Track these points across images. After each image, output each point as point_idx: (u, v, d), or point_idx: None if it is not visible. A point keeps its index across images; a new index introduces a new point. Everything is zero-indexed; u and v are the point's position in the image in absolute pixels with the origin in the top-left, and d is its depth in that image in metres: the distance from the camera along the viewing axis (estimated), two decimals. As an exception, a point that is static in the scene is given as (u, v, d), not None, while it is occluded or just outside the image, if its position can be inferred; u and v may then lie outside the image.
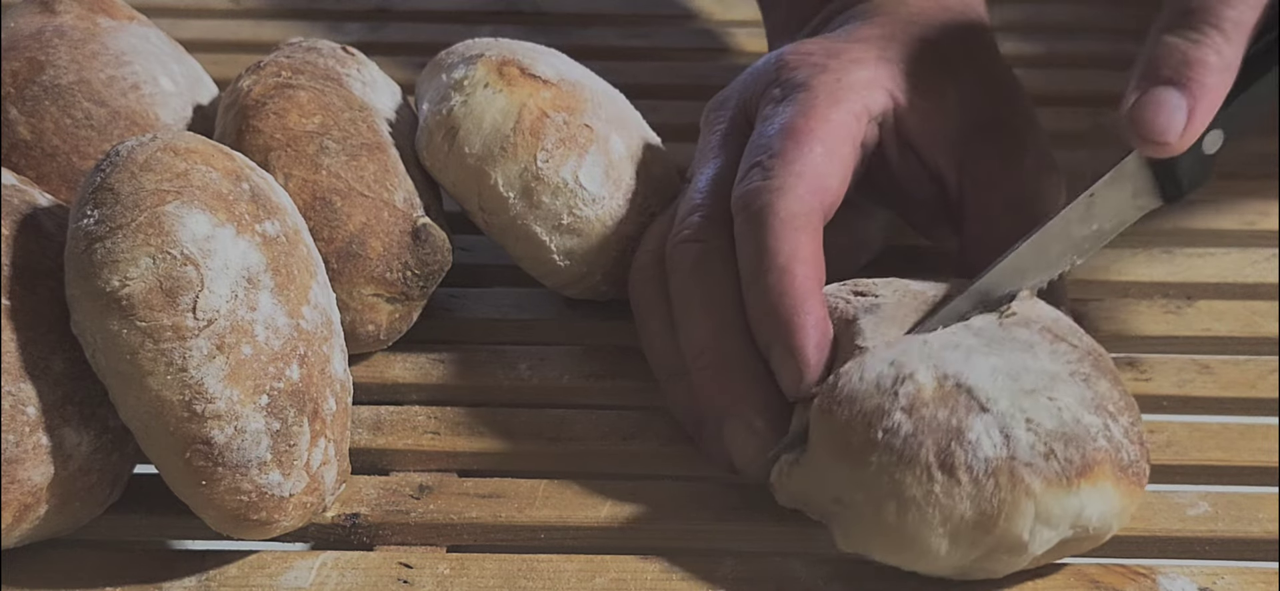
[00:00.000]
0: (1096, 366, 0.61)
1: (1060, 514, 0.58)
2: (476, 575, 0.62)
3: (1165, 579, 0.62)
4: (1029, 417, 0.58)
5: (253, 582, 0.61)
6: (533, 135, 0.70)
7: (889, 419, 0.59)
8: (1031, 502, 0.58)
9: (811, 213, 0.66)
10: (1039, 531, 0.58)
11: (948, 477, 0.58)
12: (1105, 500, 0.59)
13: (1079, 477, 0.58)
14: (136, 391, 0.57)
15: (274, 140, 0.68)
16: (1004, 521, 0.58)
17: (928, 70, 0.72)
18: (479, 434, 0.69)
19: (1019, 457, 0.58)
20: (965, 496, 0.58)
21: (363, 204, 0.69)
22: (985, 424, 0.58)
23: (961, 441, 0.58)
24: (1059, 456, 0.58)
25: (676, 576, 0.62)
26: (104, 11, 0.75)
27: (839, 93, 0.69)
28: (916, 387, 0.59)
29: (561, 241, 0.71)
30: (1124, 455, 0.59)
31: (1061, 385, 0.59)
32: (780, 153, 0.67)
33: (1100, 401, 0.60)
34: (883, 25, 0.74)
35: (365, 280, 0.69)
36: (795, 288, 0.64)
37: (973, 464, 0.58)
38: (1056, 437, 0.58)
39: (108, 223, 0.57)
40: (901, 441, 0.58)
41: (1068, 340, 0.62)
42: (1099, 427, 0.59)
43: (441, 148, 0.71)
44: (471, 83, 0.71)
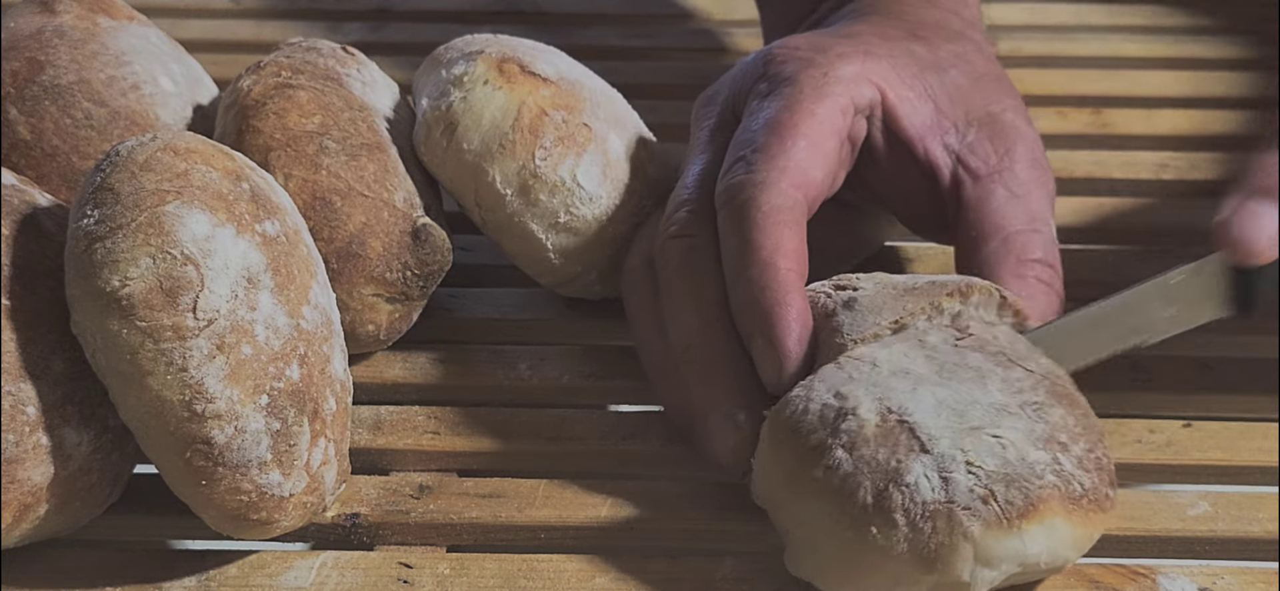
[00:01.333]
0: (1052, 392, 0.60)
1: (1001, 555, 0.57)
2: (476, 575, 0.62)
3: (1165, 579, 0.62)
4: (970, 460, 0.57)
5: (253, 582, 0.61)
6: (531, 133, 0.70)
7: (830, 455, 0.58)
8: (970, 546, 0.57)
9: (795, 206, 0.66)
10: (980, 573, 0.58)
11: (885, 521, 0.57)
12: (1053, 535, 0.58)
13: (1021, 519, 0.57)
14: (136, 391, 0.57)
15: (274, 140, 0.68)
16: (943, 565, 0.57)
17: (917, 66, 0.72)
18: (479, 434, 0.69)
19: (957, 501, 0.57)
20: (903, 539, 0.57)
21: (363, 204, 0.69)
22: (924, 466, 0.57)
23: (899, 484, 0.57)
24: (1000, 499, 0.57)
25: (676, 576, 0.62)
26: (104, 11, 0.75)
27: (825, 87, 0.69)
28: (858, 424, 0.58)
29: (557, 240, 0.71)
30: (1076, 487, 0.58)
31: (1008, 420, 0.59)
32: (763, 147, 0.67)
33: (1051, 433, 0.59)
34: (873, 22, 0.74)
35: (365, 280, 0.69)
36: (778, 281, 0.64)
37: (910, 507, 0.57)
38: (998, 480, 0.57)
39: (108, 222, 0.57)
40: (840, 480, 0.58)
41: (1023, 364, 0.61)
42: (1046, 463, 0.58)
43: (439, 143, 0.71)
44: (471, 79, 0.71)
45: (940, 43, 0.74)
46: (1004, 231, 0.68)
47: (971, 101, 0.72)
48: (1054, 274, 0.68)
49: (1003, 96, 0.73)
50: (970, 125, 0.71)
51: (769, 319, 0.63)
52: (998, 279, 0.67)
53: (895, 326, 0.62)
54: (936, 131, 0.71)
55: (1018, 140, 0.71)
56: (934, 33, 0.74)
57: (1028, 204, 0.69)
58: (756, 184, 0.66)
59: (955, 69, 0.73)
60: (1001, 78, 0.74)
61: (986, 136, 0.71)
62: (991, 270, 0.68)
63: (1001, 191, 0.70)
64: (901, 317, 0.62)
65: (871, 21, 0.74)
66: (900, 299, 0.63)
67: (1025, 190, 0.70)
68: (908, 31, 0.73)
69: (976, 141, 0.71)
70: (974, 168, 0.70)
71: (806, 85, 0.69)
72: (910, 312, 0.63)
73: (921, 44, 0.73)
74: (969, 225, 0.70)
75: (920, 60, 0.72)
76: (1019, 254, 0.68)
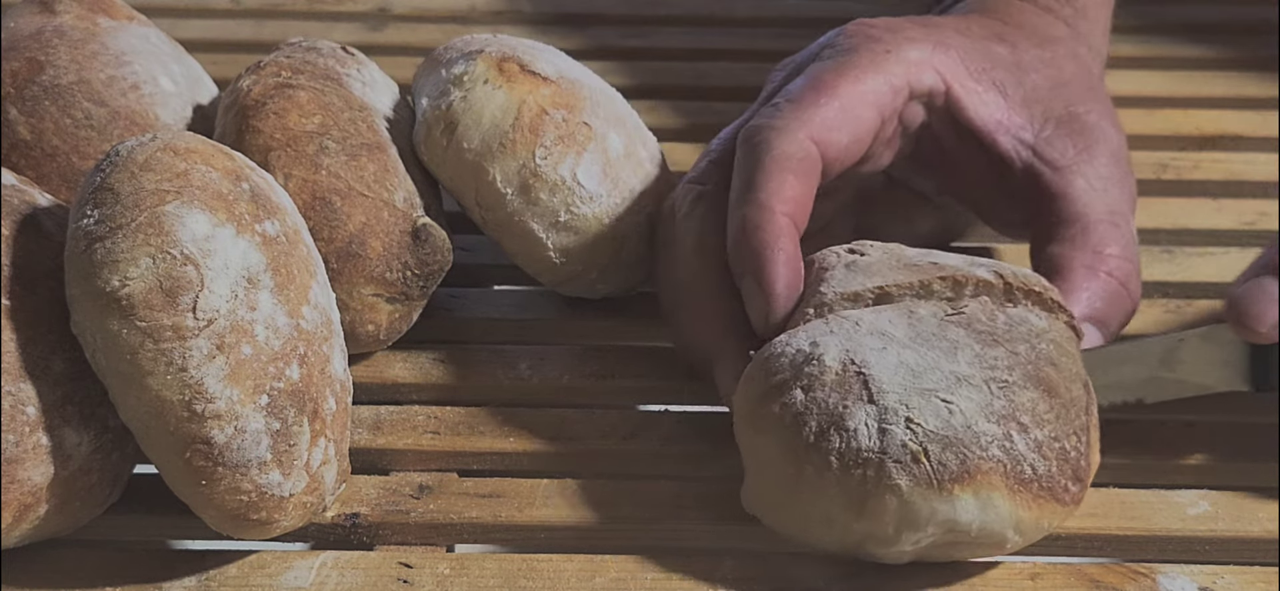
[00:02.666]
0: (1030, 377, 0.60)
1: (928, 515, 0.58)
2: (476, 575, 0.62)
3: (1165, 579, 0.62)
4: (911, 416, 0.58)
5: (253, 582, 0.61)
6: (532, 132, 0.70)
7: (788, 394, 0.60)
8: (896, 500, 0.58)
9: (807, 158, 0.67)
10: (905, 530, 0.59)
11: (821, 461, 0.59)
12: (991, 510, 0.58)
13: (953, 483, 0.58)
14: (136, 391, 0.57)
15: (274, 140, 0.68)
16: (869, 514, 0.58)
17: (991, 63, 0.72)
18: (479, 434, 0.69)
19: (889, 454, 0.58)
20: (834, 482, 0.58)
21: (363, 204, 0.69)
22: (867, 415, 0.58)
23: (841, 427, 0.58)
24: (932, 459, 0.58)
25: (676, 576, 0.62)
26: (104, 11, 0.75)
27: (881, 62, 0.70)
28: (821, 368, 0.60)
29: (558, 239, 0.71)
30: (1026, 469, 0.59)
31: (966, 389, 0.59)
32: (796, 98, 0.68)
33: (1011, 411, 0.59)
34: (965, 19, 0.75)
35: (365, 280, 0.69)
36: (771, 223, 0.65)
37: (845, 452, 0.58)
38: (934, 440, 0.58)
39: (108, 222, 0.57)
40: (792, 417, 0.59)
41: (1006, 346, 0.61)
42: (996, 436, 0.58)
43: (439, 143, 0.71)
44: (471, 78, 0.71)
45: (1028, 46, 0.74)
46: (1083, 221, 0.68)
47: (1051, 102, 0.72)
48: (1130, 273, 0.68)
49: (1088, 100, 0.73)
50: (1048, 122, 0.72)
51: (758, 260, 0.64)
52: (1071, 269, 0.67)
53: (878, 292, 0.63)
54: (1007, 126, 0.71)
55: (1099, 138, 0.71)
56: (1026, 36, 0.74)
57: (1107, 197, 0.69)
58: (774, 128, 0.67)
59: (1038, 73, 0.73)
60: (1093, 86, 0.74)
61: (1065, 133, 0.71)
62: (1067, 259, 0.68)
63: (1081, 182, 0.70)
64: (887, 286, 0.63)
65: (963, 18, 0.75)
66: (896, 270, 0.64)
67: (1105, 185, 0.70)
68: (995, 32, 0.74)
69: (1054, 136, 0.71)
70: (1051, 159, 0.70)
71: (864, 56, 0.70)
72: (897, 284, 0.63)
73: (1006, 45, 0.73)
74: (1046, 213, 0.70)
75: (997, 58, 0.72)
76: (1096, 245, 0.68)
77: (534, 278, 0.74)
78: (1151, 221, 0.82)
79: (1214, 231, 0.82)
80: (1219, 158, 0.87)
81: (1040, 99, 0.72)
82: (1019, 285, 0.63)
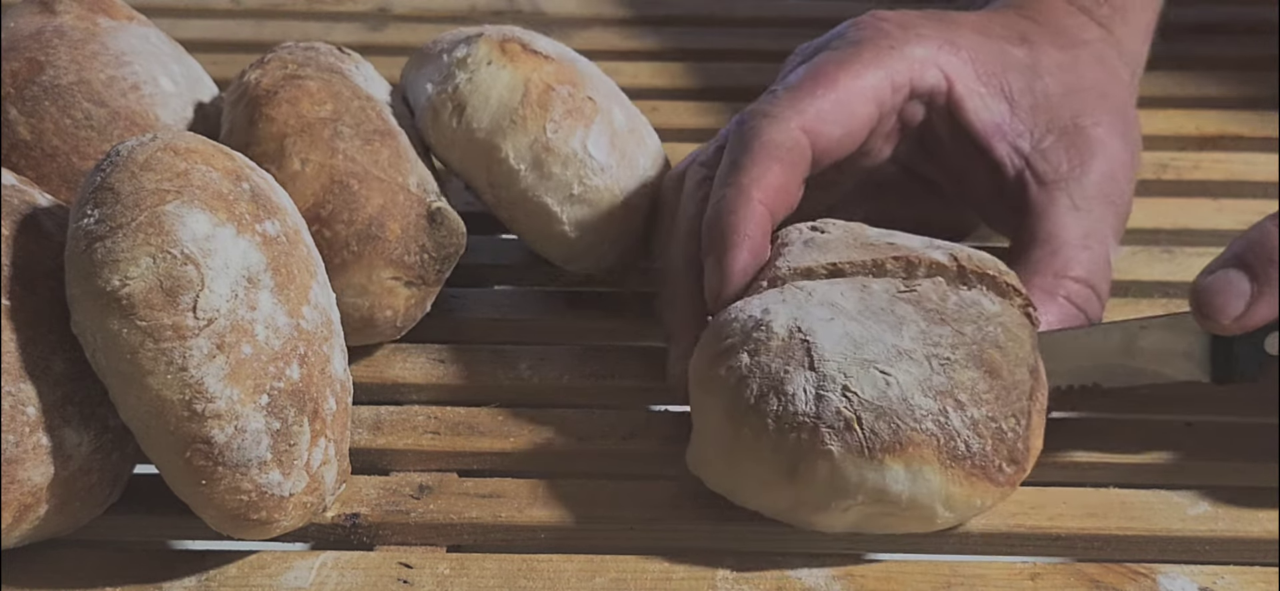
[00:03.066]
0: (973, 357, 0.61)
1: (857, 482, 0.59)
2: (476, 575, 0.62)
3: (1165, 579, 0.62)
4: (848, 385, 0.59)
5: (253, 582, 0.61)
6: (541, 107, 0.71)
7: (735, 357, 0.61)
8: (828, 465, 0.59)
9: (795, 147, 0.67)
10: (835, 496, 0.60)
11: (759, 422, 0.60)
12: (921, 482, 0.59)
13: (884, 453, 0.59)
14: (137, 391, 0.57)
15: (289, 126, 0.68)
16: (801, 477, 0.59)
17: (1003, 66, 0.72)
18: (479, 434, 0.69)
19: (824, 419, 0.59)
20: (770, 444, 0.59)
21: (379, 187, 0.69)
22: (806, 380, 0.59)
23: (780, 392, 0.59)
24: (865, 427, 0.59)
25: (676, 576, 0.62)
26: (104, 11, 0.75)
27: (885, 57, 0.70)
28: (768, 334, 0.61)
29: (572, 212, 0.72)
30: (960, 445, 0.59)
31: (906, 363, 0.60)
32: (794, 87, 0.69)
33: (950, 388, 0.60)
34: (989, 17, 0.75)
35: (384, 263, 0.69)
36: (744, 208, 0.66)
37: (782, 415, 0.59)
38: (869, 409, 0.59)
39: (108, 222, 0.57)
40: (736, 380, 0.60)
41: (953, 325, 0.62)
42: (931, 411, 0.59)
43: (449, 125, 0.71)
44: (475, 60, 0.72)
45: (1049, 49, 0.74)
46: (1053, 242, 0.69)
47: (1058, 110, 0.72)
48: (1090, 296, 0.69)
49: (1099, 110, 0.73)
50: (1049, 132, 0.72)
51: (724, 242, 0.65)
52: (1032, 285, 0.67)
53: (831, 268, 0.64)
54: (1006, 132, 0.72)
55: (1096, 155, 0.71)
56: (1050, 38, 0.74)
57: (1087, 218, 0.70)
58: (766, 115, 0.68)
59: (1053, 78, 0.73)
60: (1109, 95, 0.74)
61: (1063, 146, 0.71)
62: (1030, 276, 0.68)
63: (1064, 200, 0.70)
64: (840, 263, 0.64)
65: (989, 15, 0.75)
66: (852, 248, 0.65)
67: (1089, 205, 0.70)
68: (1018, 32, 0.74)
69: (1051, 149, 0.71)
70: (1042, 172, 0.71)
71: (868, 50, 0.70)
72: (851, 262, 0.64)
73: (1025, 47, 0.73)
74: (1025, 226, 0.70)
75: (1011, 61, 0.73)
76: (1059, 268, 0.69)
77: (544, 256, 0.74)
78: (1151, 221, 0.82)
79: (1214, 231, 0.82)
80: (1219, 158, 0.87)
81: (1048, 106, 0.72)
82: (973, 268, 0.64)
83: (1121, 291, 0.77)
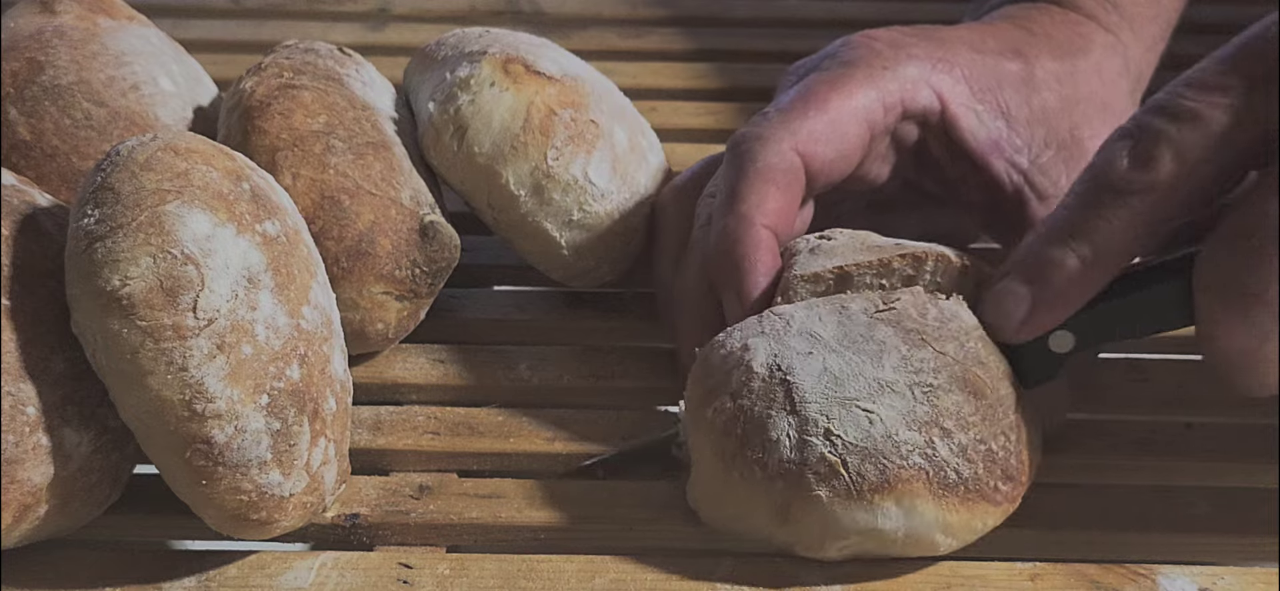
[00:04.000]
0: (956, 379, 0.61)
1: (849, 524, 0.59)
2: (476, 575, 0.62)
3: (1165, 579, 0.62)
4: (830, 428, 0.59)
5: (253, 582, 0.61)
6: (542, 133, 0.71)
7: (718, 399, 0.61)
8: (817, 509, 0.59)
9: (790, 169, 0.67)
10: (828, 538, 0.60)
11: (746, 469, 0.60)
12: (915, 516, 0.59)
13: (873, 493, 0.58)
14: (137, 391, 0.57)
15: (280, 140, 0.68)
16: (791, 522, 0.59)
17: (998, 81, 0.72)
18: (479, 434, 0.69)
19: (809, 465, 0.59)
20: (760, 490, 0.59)
21: (371, 202, 0.69)
22: (789, 425, 0.59)
23: (763, 437, 0.59)
24: (851, 470, 0.58)
25: (676, 576, 0.62)
26: (104, 12, 0.75)
27: (877, 78, 0.70)
28: (748, 375, 0.61)
29: (571, 236, 0.72)
30: (949, 474, 0.59)
31: (888, 397, 0.60)
32: (786, 108, 0.69)
33: (935, 417, 0.60)
34: (986, 29, 0.75)
35: (375, 278, 0.69)
36: (750, 236, 0.66)
37: (768, 462, 0.59)
38: (854, 452, 0.59)
39: (108, 222, 0.57)
40: (722, 422, 0.60)
41: (934, 345, 0.61)
42: (918, 445, 0.59)
43: (450, 147, 0.71)
44: (478, 81, 0.71)
45: (1046, 60, 0.74)
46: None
47: (1056, 123, 0.72)
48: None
49: (1098, 123, 0.73)
50: (1047, 147, 0.72)
51: (738, 273, 0.65)
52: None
53: (838, 272, 0.64)
54: (1003, 148, 0.71)
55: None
56: (1047, 49, 0.74)
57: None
58: (760, 138, 0.68)
59: (1050, 90, 0.73)
60: (1108, 105, 0.74)
61: (1062, 159, 0.72)
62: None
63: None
64: (846, 266, 0.64)
65: (983, 29, 0.75)
66: (858, 252, 0.64)
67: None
68: (1013, 45, 0.74)
69: (1049, 164, 0.71)
70: (1041, 187, 0.71)
71: (861, 70, 0.70)
72: (857, 264, 0.64)
73: (1020, 61, 0.73)
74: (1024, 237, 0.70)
75: (1005, 77, 0.72)
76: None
77: (543, 273, 0.74)
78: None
79: (1214, 232, 0.81)
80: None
81: (1046, 119, 0.72)
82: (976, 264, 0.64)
83: (1121, 291, 0.77)
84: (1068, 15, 0.76)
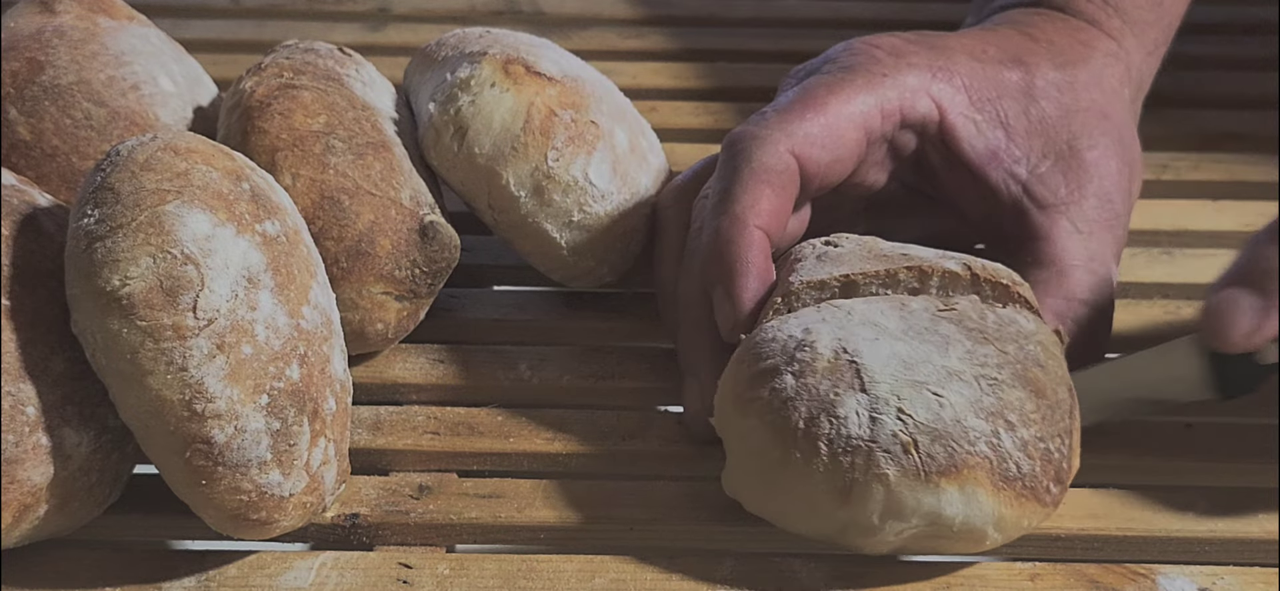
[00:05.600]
0: (1018, 376, 0.61)
1: (913, 506, 0.58)
2: (476, 575, 0.62)
3: (1165, 579, 0.62)
4: (902, 408, 0.59)
5: (252, 582, 0.61)
6: (542, 134, 0.71)
7: (779, 378, 0.60)
8: (883, 488, 0.58)
9: (785, 171, 0.67)
10: (889, 519, 0.59)
11: (810, 446, 0.59)
12: (974, 505, 0.59)
13: (940, 476, 0.58)
14: (137, 391, 0.57)
15: (280, 140, 0.68)
16: (855, 501, 0.59)
17: (998, 91, 0.72)
18: (479, 434, 0.69)
19: (879, 442, 0.58)
20: (822, 467, 0.59)
21: (370, 202, 0.69)
22: (859, 403, 0.59)
23: (832, 414, 0.59)
24: (921, 450, 0.58)
25: (676, 576, 0.62)
26: (104, 11, 0.75)
27: (876, 85, 0.70)
28: (813, 356, 0.60)
29: (571, 237, 0.72)
30: (1011, 466, 0.59)
31: (956, 384, 0.59)
32: (783, 109, 0.69)
33: (1000, 409, 0.59)
34: (989, 36, 0.75)
35: (374, 278, 0.69)
36: (743, 237, 0.65)
37: (835, 438, 0.58)
38: (924, 432, 0.58)
39: (108, 222, 0.57)
40: (781, 402, 0.59)
41: (996, 344, 0.61)
42: (984, 433, 0.59)
43: (450, 148, 0.71)
44: (478, 82, 0.71)
45: (1047, 68, 0.73)
46: (1060, 264, 0.69)
47: (1055, 133, 0.72)
48: (1098, 318, 0.69)
49: (1097, 131, 0.73)
50: (1045, 157, 0.72)
51: (729, 272, 0.65)
52: (1041, 308, 0.67)
53: (844, 280, 0.64)
54: (1002, 158, 0.71)
55: (1093, 179, 0.71)
56: (1049, 57, 0.74)
57: (1090, 242, 0.70)
58: (756, 138, 0.67)
59: (1049, 100, 0.73)
60: (1108, 114, 0.73)
61: (1060, 170, 0.71)
62: (1039, 298, 0.68)
63: (1066, 224, 0.70)
64: (853, 274, 0.64)
65: (983, 36, 0.75)
66: (864, 260, 0.64)
67: (1090, 228, 0.70)
68: (1013, 53, 0.73)
69: (1048, 174, 0.71)
70: (1040, 197, 0.71)
71: (860, 76, 0.70)
72: (863, 273, 0.64)
73: (1020, 69, 0.73)
74: (1027, 250, 0.70)
75: (1006, 86, 0.72)
76: (1068, 292, 0.69)
77: (544, 274, 0.74)
78: (1151, 222, 0.82)
79: (1214, 232, 0.82)
80: (1219, 158, 0.87)
81: (1045, 130, 0.72)
82: (986, 277, 0.64)
83: (1121, 292, 0.77)
84: (1069, 21, 0.76)
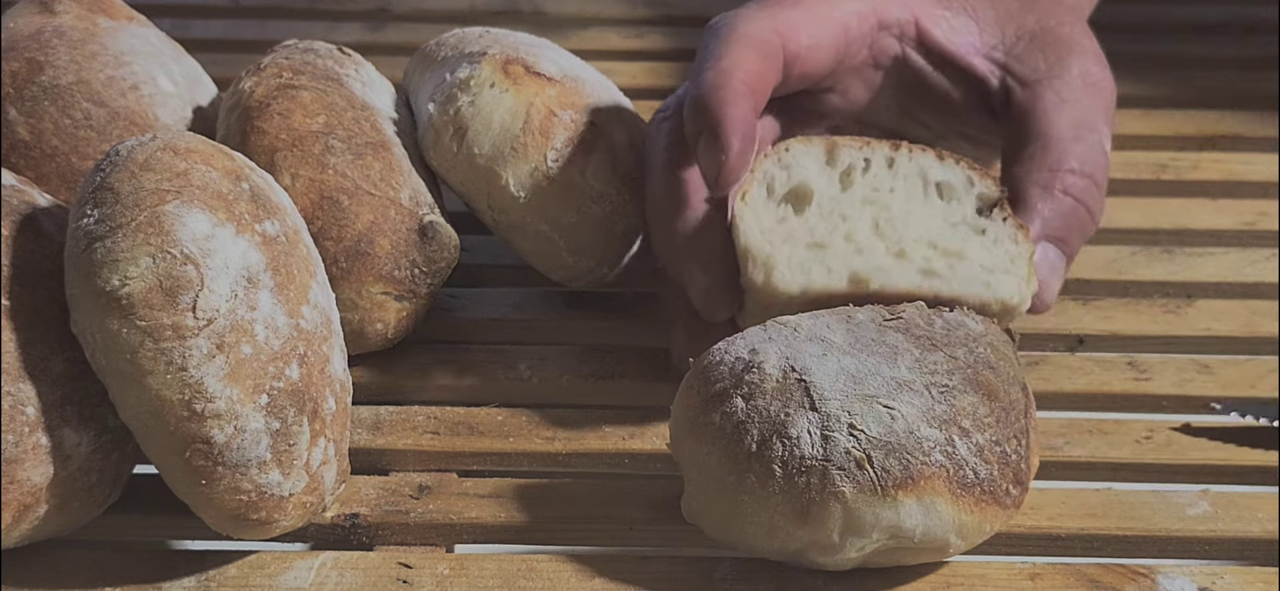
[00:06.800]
0: (969, 381, 0.60)
1: (872, 522, 0.58)
2: (476, 575, 0.62)
3: (1165, 579, 0.62)
4: (853, 423, 0.58)
5: (252, 582, 0.61)
6: (542, 135, 0.71)
7: (729, 402, 0.60)
8: (840, 507, 0.58)
9: (769, 42, 0.67)
10: (850, 536, 0.59)
11: (764, 469, 0.58)
12: (934, 515, 0.58)
13: (897, 489, 0.58)
14: (136, 391, 0.57)
15: (279, 141, 0.68)
16: (813, 521, 0.58)
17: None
18: (479, 434, 0.69)
19: (833, 461, 0.58)
20: (778, 490, 0.58)
21: (370, 202, 0.69)
22: (810, 422, 0.58)
23: (783, 436, 0.58)
24: (876, 465, 0.58)
25: (677, 576, 0.62)
26: (103, 12, 0.75)
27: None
28: (761, 376, 0.60)
29: (571, 238, 0.72)
30: (968, 473, 0.59)
31: (907, 395, 0.59)
32: (766, 2, 0.69)
33: (953, 416, 0.59)
34: None
35: (373, 278, 0.69)
36: (730, 85, 0.65)
37: (788, 460, 0.58)
38: (878, 446, 0.58)
39: (108, 222, 0.57)
40: (733, 426, 0.59)
41: (945, 350, 0.61)
42: (939, 442, 0.59)
43: (449, 148, 0.71)
44: (478, 82, 0.71)
45: None
46: (1044, 137, 0.69)
47: (1022, 19, 0.73)
48: (1089, 186, 0.68)
49: (1061, 13, 0.73)
50: (1019, 39, 0.72)
51: (715, 117, 0.64)
52: (1027, 189, 0.67)
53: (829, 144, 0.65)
54: (978, 46, 0.72)
55: (1071, 50, 0.71)
56: None
57: (1076, 109, 0.70)
58: (739, 16, 0.68)
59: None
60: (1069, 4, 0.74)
61: (1037, 47, 0.71)
62: (1023, 179, 0.68)
63: (1050, 96, 0.70)
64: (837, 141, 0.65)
65: None
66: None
67: (1074, 96, 0.70)
68: None
69: (1025, 52, 0.71)
70: (1021, 74, 0.71)
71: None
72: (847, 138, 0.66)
73: None
74: (1014, 130, 0.70)
75: None
76: (1053, 163, 0.68)
77: (543, 274, 0.74)
78: (1151, 221, 0.82)
79: (1214, 231, 0.82)
80: (1219, 158, 0.87)
81: (1011, 16, 0.73)
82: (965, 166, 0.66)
83: (1121, 291, 0.78)
84: None
